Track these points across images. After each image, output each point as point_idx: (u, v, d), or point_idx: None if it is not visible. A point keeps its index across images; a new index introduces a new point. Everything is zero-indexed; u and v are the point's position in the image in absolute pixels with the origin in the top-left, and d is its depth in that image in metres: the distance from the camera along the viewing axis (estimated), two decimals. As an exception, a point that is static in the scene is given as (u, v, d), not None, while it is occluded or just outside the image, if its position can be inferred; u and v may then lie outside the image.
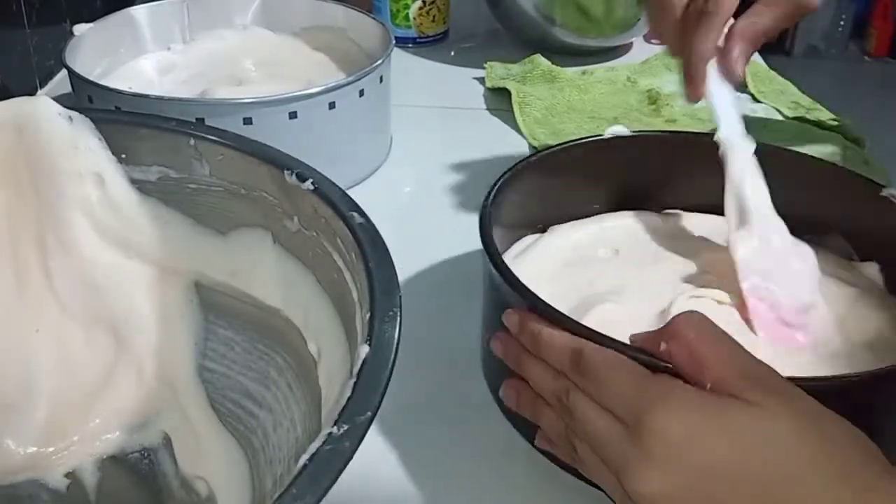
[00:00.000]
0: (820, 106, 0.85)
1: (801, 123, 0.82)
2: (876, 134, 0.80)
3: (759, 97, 0.88)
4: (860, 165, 0.74)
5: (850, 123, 0.80)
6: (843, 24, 2.77)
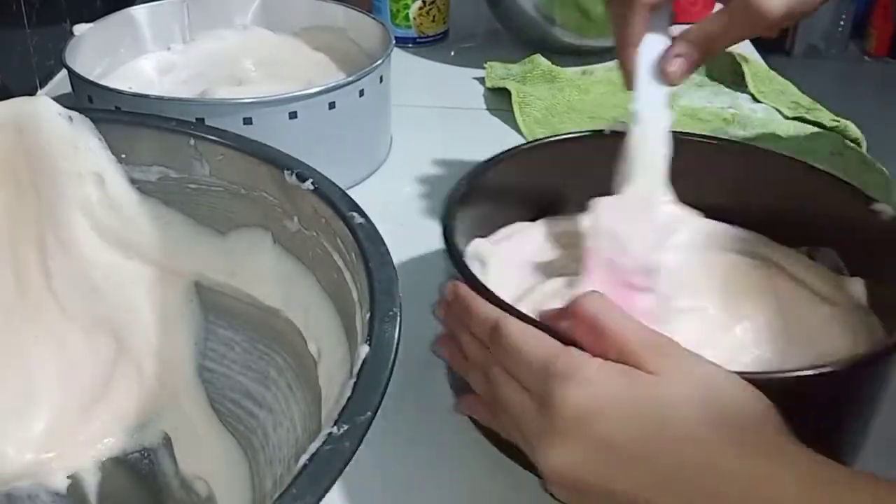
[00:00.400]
0: (820, 106, 0.85)
1: (801, 123, 0.82)
2: (876, 134, 0.80)
3: (759, 97, 0.87)
4: (860, 165, 0.74)
5: (850, 123, 0.80)
6: (843, 24, 2.77)
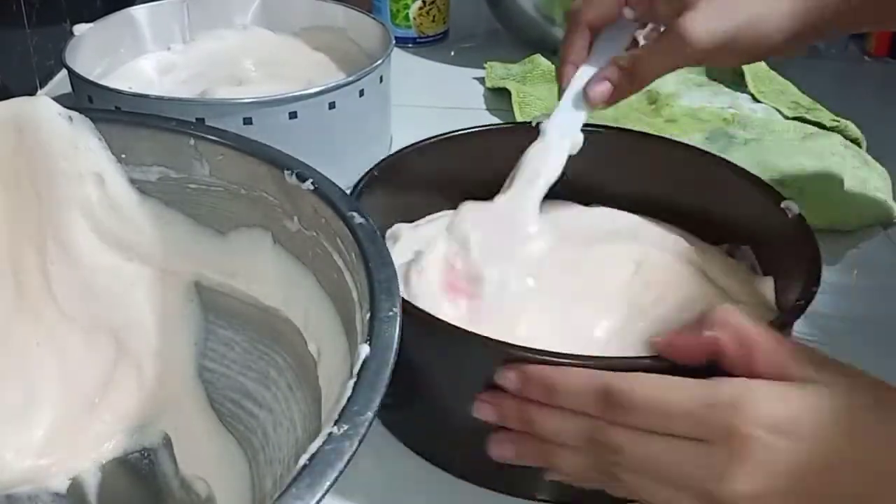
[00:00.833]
0: (820, 106, 0.85)
1: (800, 123, 0.82)
2: (876, 134, 0.80)
3: (759, 97, 0.87)
4: (860, 165, 0.74)
5: (850, 123, 0.80)
6: (842, 24, 2.76)
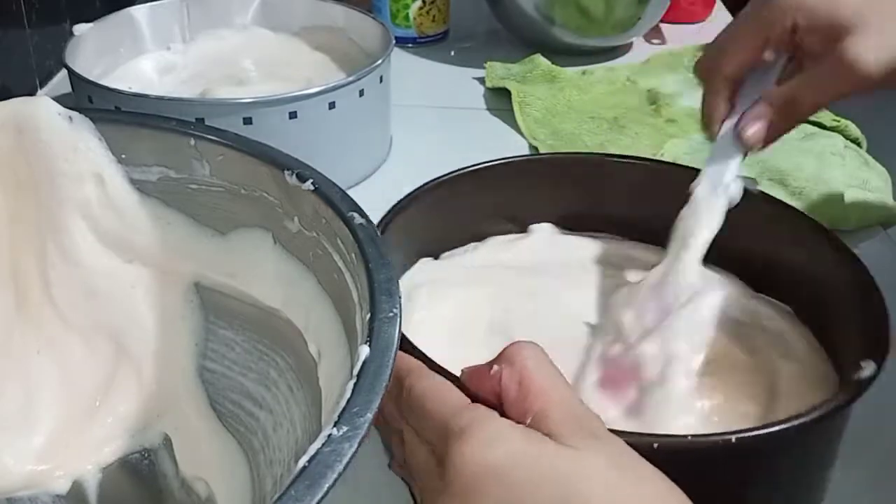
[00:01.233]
0: (820, 106, 0.85)
1: (801, 123, 0.82)
2: (876, 134, 0.80)
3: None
4: (860, 165, 0.74)
5: (850, 123, 0.80)
6: (843, 23, 2.76)
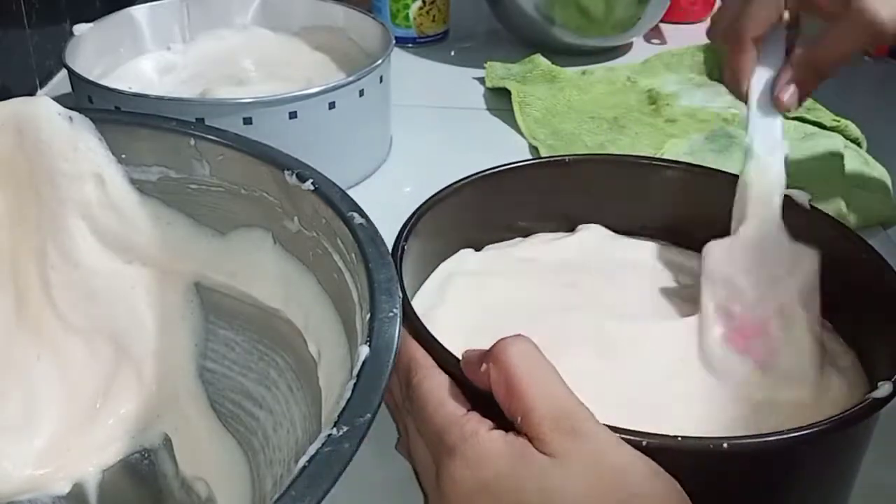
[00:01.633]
0: (820, 106, 0.85)
1: (801, 123, 0.82)
2: (876, 134, 0.80)
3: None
4: (860, 165, 0.74)
5: (850, 123, 0.80)
6: (843, 23, 2.76)
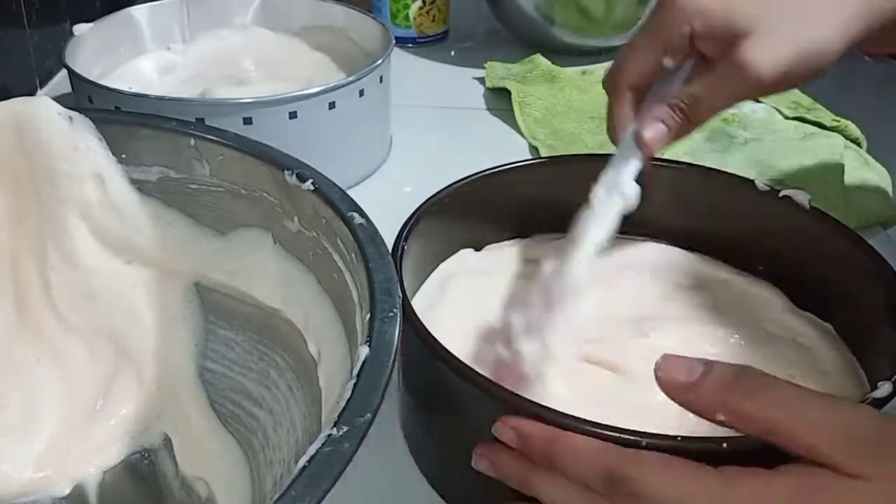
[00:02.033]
0: (820, 106, 0.85)
1: (801, 123, 0.82)
2: (876, 134, 0.80)
3: (759, 97, 0.87)
4: (860, 165, 0.74)
5: (850, 123, 0.80)
6: (843, 23, 2.76)
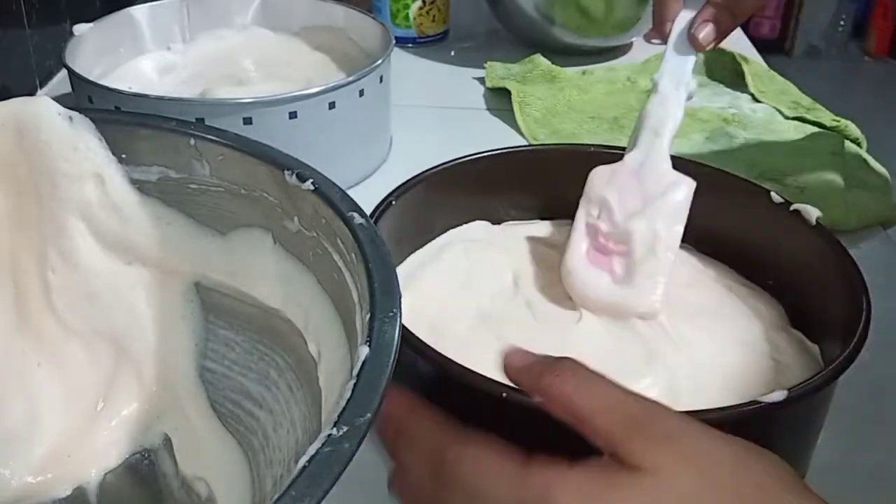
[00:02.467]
0: (820, 106, 0.85)
1: (801, 123, 0.82)
2: (876, 134, 0.80)
3: (759, 97, 0.88)
4: (860, 165, 0.74)
5: (850, 123, 0.80)
6: (843, 24, 2.77)
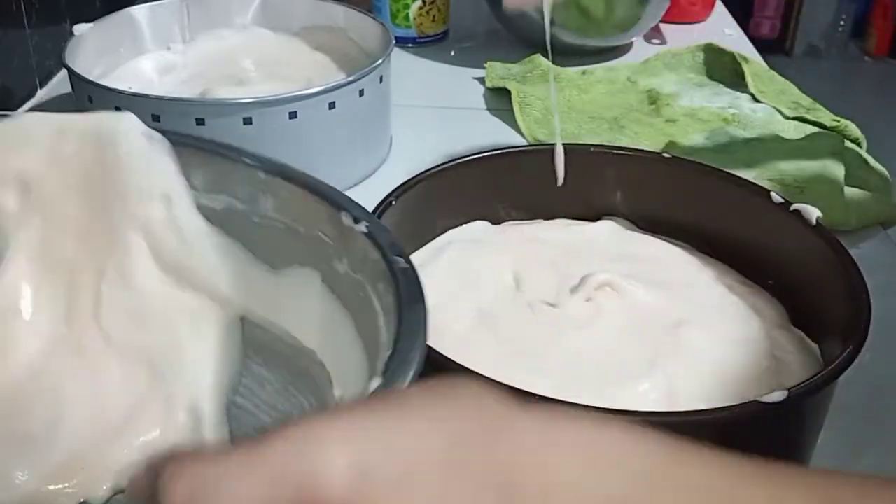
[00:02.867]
0: (820, 106, 0.85)
1: (801, 123, 0.82)
2: (876, 134, 0.80)
3: (759, 97, 0.87)
4: (860, 165, 0.74)
5: (850, 123, 0.80)
6: (843, 24, 2.77)
